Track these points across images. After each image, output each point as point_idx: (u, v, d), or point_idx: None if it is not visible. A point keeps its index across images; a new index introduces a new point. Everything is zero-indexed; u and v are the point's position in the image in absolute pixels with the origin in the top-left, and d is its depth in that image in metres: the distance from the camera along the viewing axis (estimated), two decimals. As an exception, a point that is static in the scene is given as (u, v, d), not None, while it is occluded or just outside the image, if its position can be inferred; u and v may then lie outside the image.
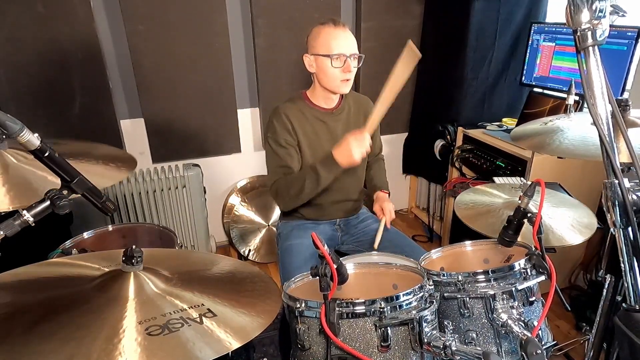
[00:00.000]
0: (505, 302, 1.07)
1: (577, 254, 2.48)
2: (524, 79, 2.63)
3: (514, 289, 1.07)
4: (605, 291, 1.30)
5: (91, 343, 0.71)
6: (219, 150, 2.88)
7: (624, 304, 0.77)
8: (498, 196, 1.51)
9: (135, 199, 2.64)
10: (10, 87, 2.31)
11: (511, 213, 1.16)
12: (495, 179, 2.20)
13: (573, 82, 1.88)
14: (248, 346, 1.69)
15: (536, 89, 2.58)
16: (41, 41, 2.28)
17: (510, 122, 2.69)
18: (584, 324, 2.20)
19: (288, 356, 1.12)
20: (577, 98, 1.94)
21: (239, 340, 0.78)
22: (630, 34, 2.00)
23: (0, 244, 0.82)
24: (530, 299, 1.10)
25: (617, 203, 0.74)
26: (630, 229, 0.75)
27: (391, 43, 2.94)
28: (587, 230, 1.31)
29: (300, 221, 1.87)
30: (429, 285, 1.04)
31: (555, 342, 1.17)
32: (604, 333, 1.31)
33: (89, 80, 2.43)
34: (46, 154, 0.86)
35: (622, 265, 0.77)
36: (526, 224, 1.14)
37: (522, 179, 2.18)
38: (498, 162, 2.43)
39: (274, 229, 2.92)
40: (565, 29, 2.36)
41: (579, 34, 0.74)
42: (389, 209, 1.78)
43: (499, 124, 2.69)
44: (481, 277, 1.09)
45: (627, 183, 0.74)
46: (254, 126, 2.95)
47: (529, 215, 1.12)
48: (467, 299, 1.09)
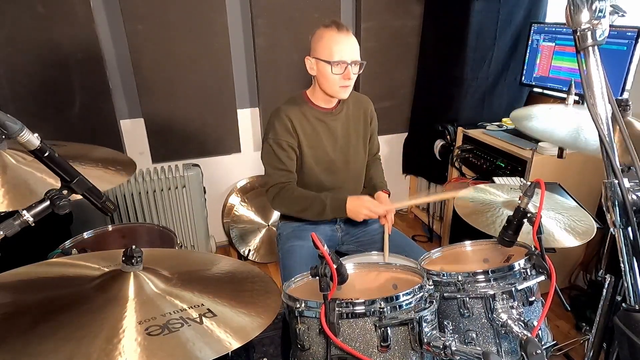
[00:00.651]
0: (505, 302, 1.07)
1: (577, 254, 2.48)
2: (523, 79, 2.63)
3: (513, 289, 1.07)
4: (605, 291, 1.30)
5: (91, 343, 0.71)
6: (218, 150, 2.88)
7: (623, 304, 0.77)
8: (498, 195, 1.51)
9: (135, 199, 2.64)
10: (10, 87, 2.31)
11: (510, 211, 1.17)
12: (495, 179, 2.20)
13: (573, 82, 1.87)
14: (248, 346, 1.68)
15: (536, 89, 2.58)
16: (41, 41, 2.28)
17: (510, 122, 2.68)
18: (584, 324, 2.20)
19: (288, 356, 1.12)
20: (577, 98, 1.94)
21: (238, 340, 0.78)
22: (630, 34, 2.00)
23: (0, 244, 0.82)
24: (530, 299, 1.10)
25: (617, 203, 0.74)
26: (630, 229, 0.75)
27: (391, 43, 2.95)
28: (585, 235, 1.31)
29: (300, 222, 1.87)
30: (429, 285, 1.04)
31: (555, 342, 1.17)
32: (604, 333, 1.31)
33: (88, 80, 2.43)
34: (46, 154, 0.86)
35: (622, 265, 0.76)
36: (526, 224, 1.14)
37: (522, 179, 2.18)
38: (498, 162, 2.43)
39: (274, 229, 2.92)
40: (565, 29, 2.36)
41: (578, 34, 0.74)
42: (390, 216, 1.74)
43: (498, 124, 2.69)
44: (481, 277, 1.10)
45: (627, 183, 0.74)
46: (254, 126, 2.95)
47: (528, 215, 1.12)
48: (467, 299, 1.09)
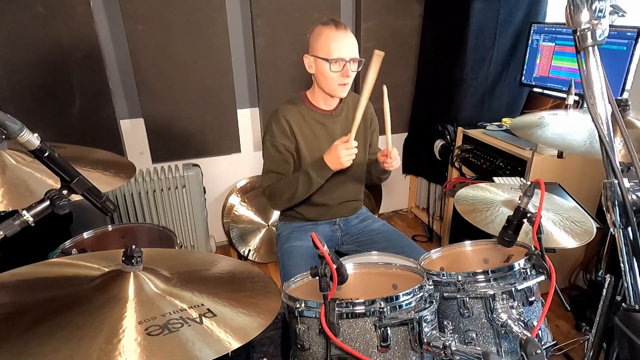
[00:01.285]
0: (505, 302, 1.07)
1: (576, 254, 2.48)
2: (523, 79, 2.63)
3: (513, 289, 1.07)
4: (605, 291, 1.30)
5: (91, 343, 0.71)
6: (218, 150, 2.88)
7: (623, 304, 0.77)
8: (498, 194, 1.51)
9: (135, 199, 2.64)
10: (9, 87, 2.31)
11: (510, 211, 1.17)
12: (495, 179, 2.20)
13: (573, 82, 1.87)
14: (248, 346, 1.68)
15: (536, 89, 2.58)
16: (41, 41, 2.28)
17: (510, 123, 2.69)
18: (584, 323, 2.20)
19: (288, 356, 1.12)
20: (576, 98, 1.94)
21: (238, 340, 0.78)
22: (630, 34, 2.00)
23: (0, 244, 0.82)
24: (530, 299, 1.10)
25: (616, 203, 0.74)
26: (630, 229, 0.75)
27: (391, 43, 2.94)
28: (584, 236, 1.31)
29: (300, 222, 1.87)
30: (429, 285, 1.04)
31: (555, 342, 1.17)
32: (604, 333, 1.31)
33: (88, 80, 2.43)
34: (46, 154, 0.86)
35: (622, 265, 0.76)
36: (526, 224, 1.14)
37: (522, 179, 2.18)
38: (498, 162, 2.43)
39: (274, 229, 2.92)
40: (565, 29, 2.36)
41: (578, 34, 0.74)
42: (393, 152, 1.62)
43: (498, 124, 2.69)
44: (481, 277, 1.10)
45: (626, 183, 0.74)
46: (254, 126, 2.95)
47: (528, 215, 1.12)
48: (467, 299, 1.09)
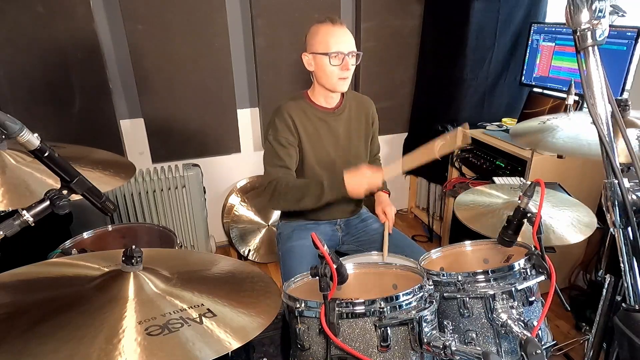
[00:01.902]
0: (505, 302, 1.07)
1: (576, 254, 2.48)
2: (523, 79, 2.63)
3: (513, 289, 1.07)
4: (605, 291, 1.30)
5: (91, 343, 0.71)
6: (218, 150, 2.88)
7: (623, 304, 0.77)
8: (498, 196, 1.51)
9: (135, 199, 2.64)
10: (9, 87, 2.31)
11: (511, 213, 1.17)
12: (495, 179, 2.20)
13: (573, 82, 1.87)
14: (248, 346, 1.68)
15: (536, 89, 2.58)
16: (41, 41, 2.28)
17: (510, 122, 2.69)
18: (584, 323, 2.20)
19: (288, 356, 1.12)
20: (576, 98, 1.94)
21: (238, 340, 0.78)
22: (630, 34, 2.00)
23: (0, 244, 0.82)
24: (530, 299, 1.10)
25: (616, 203, 0.74)
26: (630, 229, 0.75)
27: (391, 43, 2.94)
28: (587, 229, 1.31)
29: (300, 222, 1.87)
30: (429, 285, 1.04)
31: (555, 342, 1.17)
32: (604, 333, 1.31)
33: (88, 80, 2.43)
34: (46, 154, 0.86)
35: (622, 265, 0.77)
36: (526, 224, 1.14)
37: (522, 179, 2.18)
38: (498, 162, 2.43)
39: (274, 229, 2.92)
40: (565, 29, 2.36)
41: (578, 34, 0.74)
42: (391, 214, 1.79)
43: (498, 124, 2.69)
44: (481, 277, 1.10)
45: (626, 183, 0.74)
46: (254, 126, 2.95)
47: (528, 215, 1.12)
48: (467, 299, 1.09)
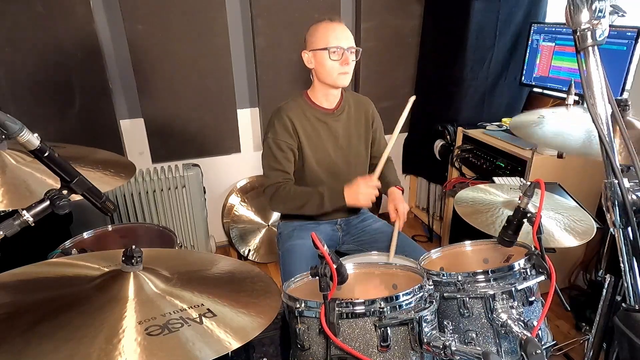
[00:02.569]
0: (504, 302, 1.07)
1: (576, 254, 2.48)
2: (523, 79, 2.63)
3: (513, 289, 1.07)
4: (605, 291, 1.30)
5: (91, 343, 0.71)
6: (218, 150, 2.88)
7: (623, 304, 0.77)
8: (498, 195, 1.51)
9: (134, 199, 2.64)
10: (9, 87, 2.31)
11: (510, 212, 1.17)
12: (495, 179, 2.20)
13: (573, 82, 1.87)
14: (248, 346, 1.69)
15: (536, 89, 2.58)
16: (41, 41, 2.28)
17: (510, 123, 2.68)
18: (584, 323, 2.20)
19: (288, 356, 1.12)
20: (576, 98, 1.94)
21: (238, 340, 0.78)
22: (630, 34, 2.00)
23: (0, 244, 0.82)
24: (530, 299, 1.10)
25: (616, 203, 0.74)
26: (630, 229, 0.75)
27: (391, 43, 2.94)
28: (586, 235, 1.31)
29: (300, 221, 1.87)
30: (429, 285, 1.04)
31: (555, 342, 1.17)
32: (604, 333, 1.31)
33: (88, 80, 2.43)
34: (46, 154, 0.86)
35: (622, 265, 0.76)
36: (526, 224, 1.14)
37: (522, 179, 2.18)
38: (498, 162, 2.43)
39: (274, 229, 2.92)
40: (564, 29, 2.36)
41: (578, 34, 0.74)
42: (403, 212, 1.70)
43: (498, 124, 2.69)
44: (481, 277, 1.10)
45: (626, 183, 0.74)
46: (254, 126, 2.95)
47: (528, 215, 1.12)
48: (467, 299, 1.09)
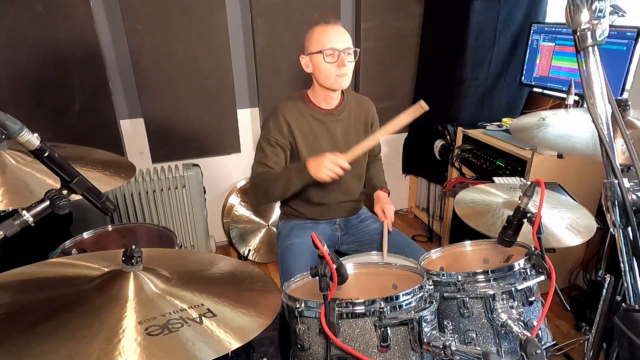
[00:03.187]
0: (504, 302, 1.07)
1: (576, 254, 2.48)
2: (523, 79, 2.63)
3: (513, 289, 1.07)
4: (604, 291, 1.30)
5: (91, 343, 0.71)
6: (218, 150, 2.88)
7: (623, 304, 0.77)
8: (498, 195, 1.51)
9: (134, 199, 2.64)
10: (9, 87, 2.31)
11: (510, 212, 1.17)
12: (495, 179, 2.20)
13: (573, 82, 1.88)
14: (248, 346, 1.68)
15: (536, 89, 2.58)
16: (41, 41, 2.28)
17: (510, 123, 2.69)
18: (584, 323, 2.20)
19: (288, 356, 1.12)
20: (576, 98, 1.95)
21: (238, 340, 0.78)
22: (630, 34, 2.00)
23: (0, 244, 0.82)
24: (530, 299, 1.10)
25: (616, 203, 0.74)
26: (630, 229, 0.75)
27: (391, 43, 2.94)
28: (586, 232, 1.31)
29: (300, 220, 1.87)
30: (429, 285, 1.04)
31: (555, 342, 1.17)
32: (604, 333, 1.31)
33: (88, 80, 2.43)
34: (46, 154, 0.86)
35: (622, 265, 0.77)
36: (526, 224, 1.14)
37: (522, 179, 2.18)
38: (498, 162, 2.43)
39: (274, 229, 2.92)
40: (564, 29, 2.36)
41: (578, 34, 0.74)
42: (390, 212, 1.77)
43: (498, 124, 2.69)
44: (481, 277, 1.10)
45: (626, 183, 0.74)
46: (254, 126, 2.95)
47: (528, 215, 1.12)
48: (467, 299, 1.09)
